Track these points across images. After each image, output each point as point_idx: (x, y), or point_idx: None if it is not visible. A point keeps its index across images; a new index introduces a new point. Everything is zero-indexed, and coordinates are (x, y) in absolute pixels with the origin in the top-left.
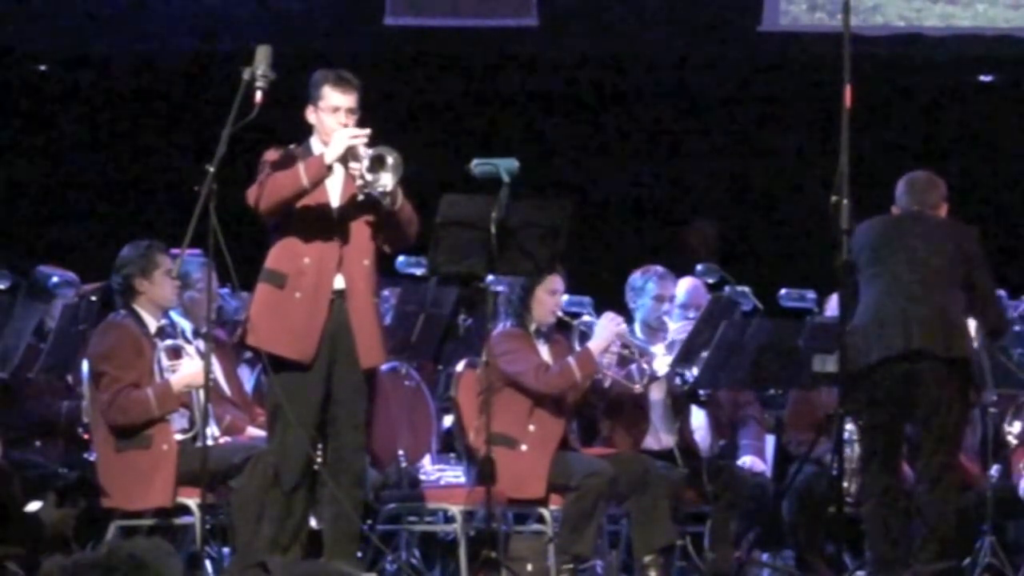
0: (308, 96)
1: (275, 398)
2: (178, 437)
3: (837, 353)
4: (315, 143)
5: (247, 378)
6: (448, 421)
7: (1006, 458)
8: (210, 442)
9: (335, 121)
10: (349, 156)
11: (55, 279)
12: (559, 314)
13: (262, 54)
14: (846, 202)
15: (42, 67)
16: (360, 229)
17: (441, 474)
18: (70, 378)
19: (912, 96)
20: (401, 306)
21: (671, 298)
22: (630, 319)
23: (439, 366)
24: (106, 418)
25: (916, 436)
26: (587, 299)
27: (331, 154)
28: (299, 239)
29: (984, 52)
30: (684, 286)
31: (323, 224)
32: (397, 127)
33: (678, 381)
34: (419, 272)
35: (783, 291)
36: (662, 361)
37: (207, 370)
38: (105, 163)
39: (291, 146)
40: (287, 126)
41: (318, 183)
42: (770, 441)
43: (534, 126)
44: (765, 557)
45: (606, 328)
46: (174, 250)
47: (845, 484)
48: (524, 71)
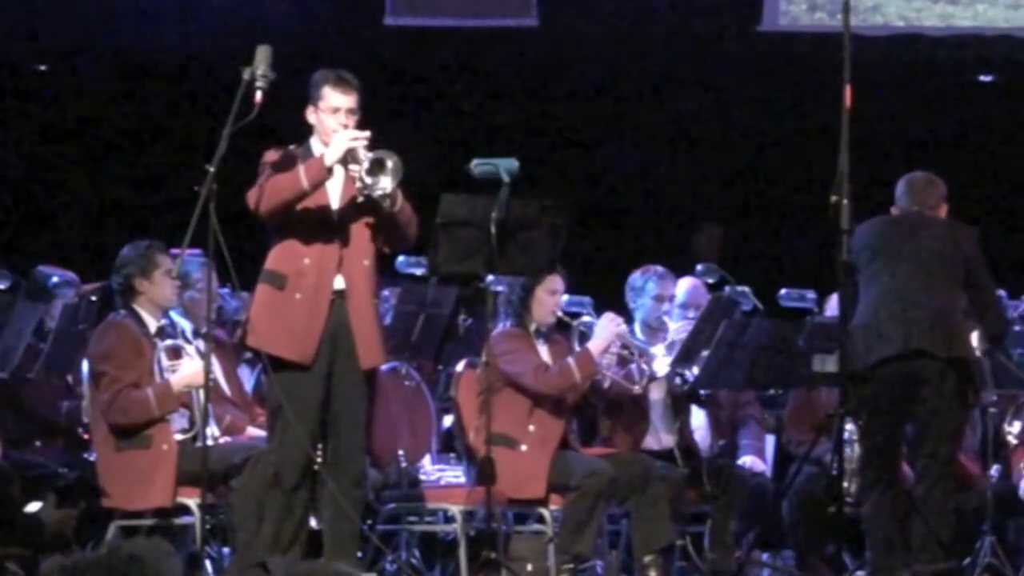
0: (308, 96)
1: (275, 398)
2: (178, 437)
3: (837, 353)
4: (315, 143)
5: (247, 378)
6: (448, 421)
7: (1006, 458)
8: (210, 442)
9: (335, 122)
10: (349, 158)
11: (55, 279)
12: (559, 314)
13: (262, 54)
14: (846, 202)
15: (42, 67)
16: (360, 230)
17: (441, 474)
18: (70, 378)
19: (912, 96)
20: (401, 306)
21: (671, 298)
22: (630, 319)
23: (439, 366)
24: (106, 418)
25: (916, 436)
26: (587, 299)
27: (331, 156)
28: (299, 240)
29: (984, 52)
30: (684, 286)
31: (323, 225)
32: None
33: (678, 381)
34: (419, 272)
35: (783, 291)
36: (662, 361)
37: (207, 370)
38: (105, 163)
39: (291, 147)
40: (287, 126)
41: (318, 185)
42: (770, 441)
43: (534, 126)
44: (765, 557)
45: (606, 328)
46: (174, 250)
47: (845, 484)
48: (524, 71)
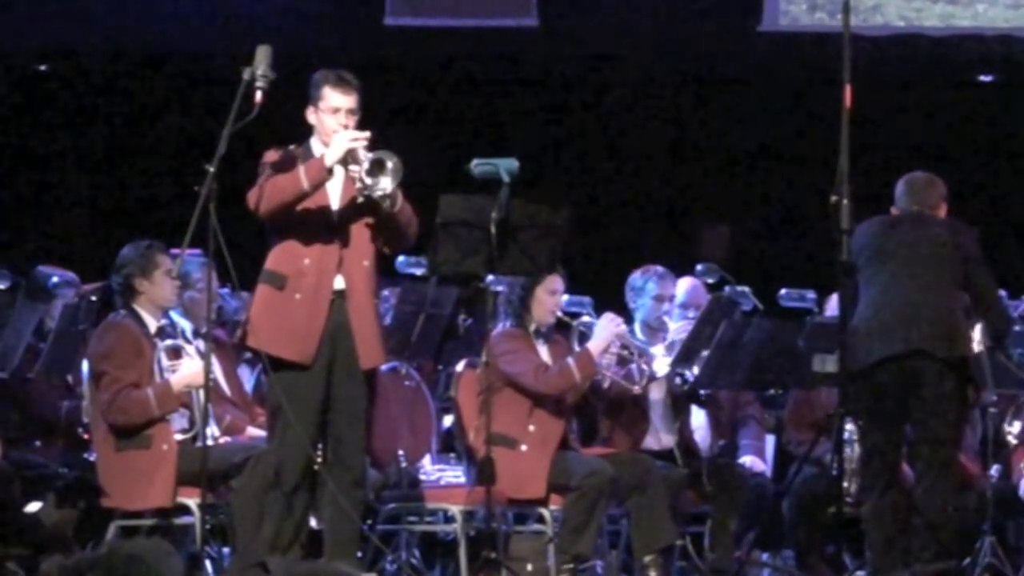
0: (308, 96)
1: (275, 398)
2: (178, 437)
3: (837, 353)
4: (315, 144)
5: (247, 378)
6: (448, 421)
7: (1006, 458)
8: (210, 442)
9: (335, 122)
10: (349, 159)
11: (55, 279)
12: (559, 314)
13: (262, 54)
14: (846, 202)
15: (42, 67)
16: (360, 230)
17: (441, 474)
18: (70, 378)
19: (912, 96)
20: (401, 306)
21: (671, 298)
22: (630, 319)
23: (439, 366)
24: (106, 418)
25: (916, 436)
26: (587, 299)
27: (331, 157)
28: (299, 240)
29: (984, 52)
30: (683, 286)
31: (323, 225)
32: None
33: (678, 381)
34: (419, 272)
35: (783, 291)
36: (662, 361)
37: (207, 370)
38: (105, 163)
39: (291, 147)
40: (287, 126)
41: (319, 186)
42: (770, 441)
43: (534, 126)
44: (765, 557)
45: (605, 329)
46: (174, 250)
47: (845, 484)
48: (524, 71)
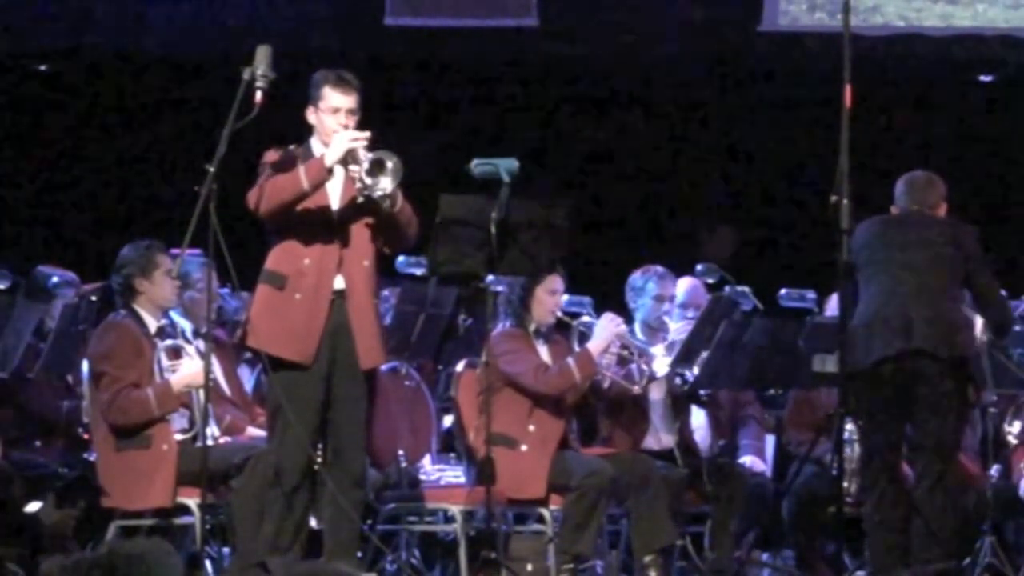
0: (308, 96)
1: (275, 398)
2: (178, 437)
3: (837, 353)
4: (315, 144)
5: (247, 378)
6: (448, 421)
7: (1006, 458)
8: (210, 442)
9: (335, 122)
10: (349, 159)
11: (55, 279)
12: (559, 314)
13: (262, 54)
14: (846, 202)
15: (42, 67)
16: (360, 230)
17: (441, 474)
18: (70, 378)
19: (912, 96)
20: (401, 306)
21: (671, 298)
22: (630, 319)
23: (439, 366)
24: (106, 418)
25: (916, 436)
26: (587, 299)
27: (331, 157)
28: (299, 240)
29: (984, 52)
30: (683, 286)
31: (323, 225)
32: (397, 127)
33: (678, 381)
34: (419, 272)
35: (783, 291)
36: (662, 361)
37: (207, 370)
38: (105, 163)
39: (291, 147)
40: (287, 126)
41: (318, 186)
42: (770, 441)
43: (534, 126)
44: (765, 557)
45: (605, 329)
46: (174, 250)
47: (845, 484)
48: (524, 71)
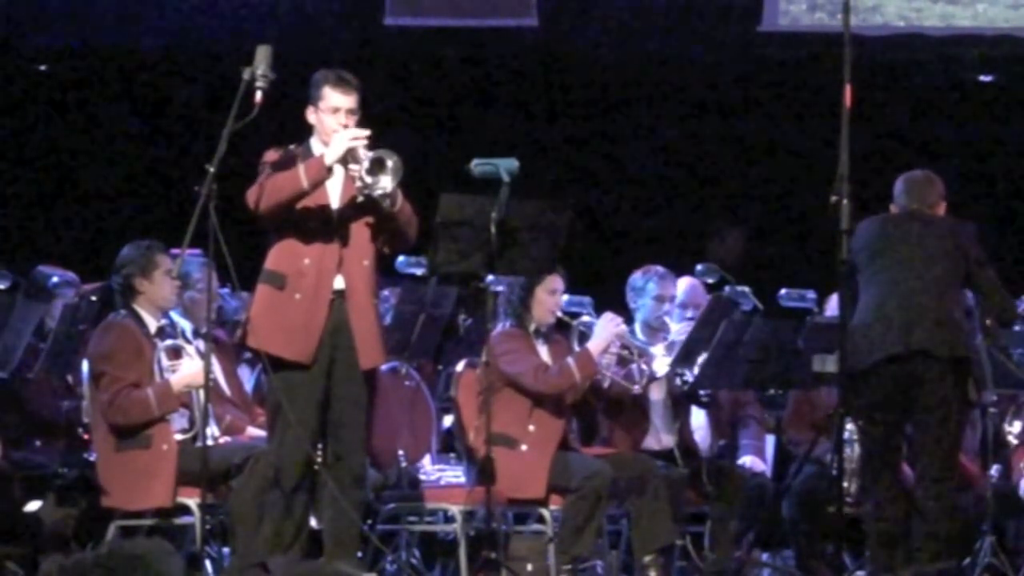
0: (308, 96)
1: (275, 398)
2: (178, 437)
3: (837, 353)
4: (315, 143)
5: (247, 378)
6: (448, 421)
7: (1006, 458)
8: (210, 442)
9: (335, 122)
10: (349, 158)
11: (55, 279)
12: (559, 314)
13: (262, 54)
14: (846, 202)
15: (42, 67)
16: (360, 230)
17: (441, 474)
18: (70, 378)
19: (912, 96)
20: (401, 306)
21: (672, 298)
22: (631, 319)
23: (439, 366)
24: (106, 418)
25: (916, 436)
26: (587, 299)
27: (331, 156)
28: (299, 240)
29: (984, 52)
30: (682, 285)
31: (323, 225)
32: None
33: (678, 381)
34: (419, 272)
35: (783, 291)
36: (662, 361)
37: (207, 370)
38: (104, 162)
39: (291, 146)
40: (287, 126)
41: (318, 185)
42: (770, 441)
43: (534, 126)
44: (765, 557)
45: (605, 328)
46: (174, 250)
47: (845, 484)
48: (524, 71)
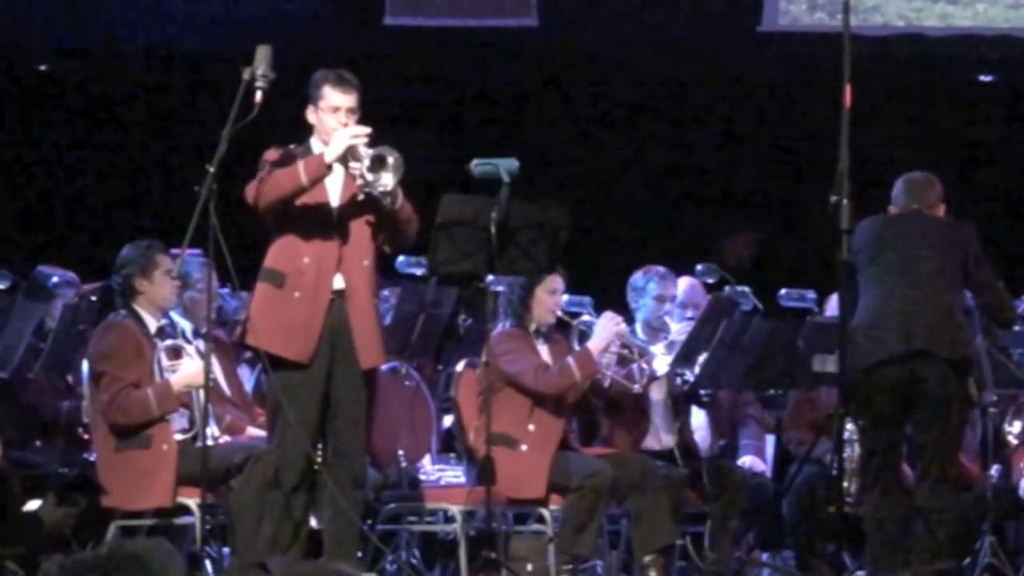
0: (308, 96)
1: (275, 398)
2: (178, 437)
3: (837, 353)
4: (315, 143)
5: (247, 378)
6: (448, 421)
7: (1006, 458)
8: (210, 442)
9: (335, 121)
10: (349, 156)
11: (55, 279)
12: (559, 314)
13: (262, 54)
14: (846, 202)
15: (42, 67)
16: (360, 229)
17: (441, 474)
18: (70, 378)
19: (912, 96)
20: (401, 306)
21: (672, 298)
22: (631, 319)
23: (439, 366)
24: (106, 418)
25: (916, 436)
26: (587, 299)
27: (331, 153)
28: (299, 238)
29: (984, 52)
30: (682, 285)
31: (323, 224)
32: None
33: (678, 381)
34: (419, 272)
35: (783, 291)
36: (662, 361)
37: (207, 370)
38: (105, 163)
39: (291, 146)
40: (287, 126)
41: (317, 182)
42: (770, 441)
43: (534, 126)
44: (765, 557)
45: (605, 328)
46: (174, 250)
47: (845, 484)
48: (524, 71)
